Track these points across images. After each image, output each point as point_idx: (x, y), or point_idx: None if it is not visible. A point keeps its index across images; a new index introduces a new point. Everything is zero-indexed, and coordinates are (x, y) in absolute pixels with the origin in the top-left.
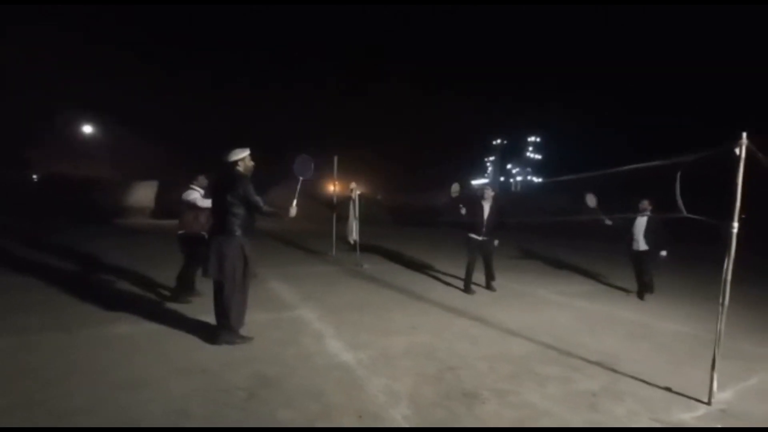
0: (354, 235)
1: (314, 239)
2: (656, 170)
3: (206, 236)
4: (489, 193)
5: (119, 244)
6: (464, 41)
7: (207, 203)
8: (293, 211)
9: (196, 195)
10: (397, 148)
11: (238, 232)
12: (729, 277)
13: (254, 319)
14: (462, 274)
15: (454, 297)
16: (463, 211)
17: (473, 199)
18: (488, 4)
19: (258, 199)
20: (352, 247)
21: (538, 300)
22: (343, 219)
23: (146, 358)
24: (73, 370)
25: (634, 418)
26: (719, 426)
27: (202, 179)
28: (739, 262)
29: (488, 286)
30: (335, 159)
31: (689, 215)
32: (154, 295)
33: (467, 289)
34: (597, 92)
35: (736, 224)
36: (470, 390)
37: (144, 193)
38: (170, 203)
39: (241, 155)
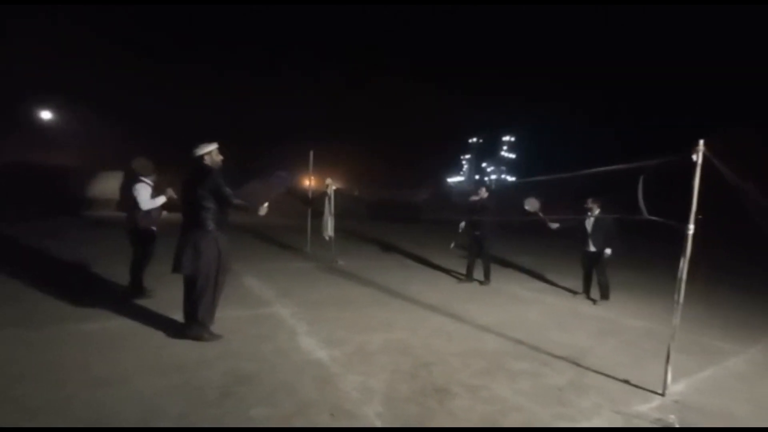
0: (329, 231)
1: (289, 235)
2: (623, 173)
3: (155, 230)
4: (483, 193)
5: (85, 237)
6: (441, 41)
7: (153, 204)
8: (263, 210)
9: (145, 195)
10: (376, 144)
11: (212, 227)
12: (684, 276)
13: (229, 316)
14: (441, 268)
15: (431, 293)
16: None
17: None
18: (465, 4)
19: (228, 191)
20: (328, 243)
21: (511, 297)
22: (319, 214)
23: (117, 355)
24: (41, 368)
25: (597, 410)
26: (671, 416)
27: (149, 168)
28: (704, 261)
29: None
30: (311, 154)
31: (650, 217)
32: (122, 291)
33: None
34: (570, 94)
35: (692, 226)
36: (443, 386)
37: (109, 184)
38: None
39: (208, 149)
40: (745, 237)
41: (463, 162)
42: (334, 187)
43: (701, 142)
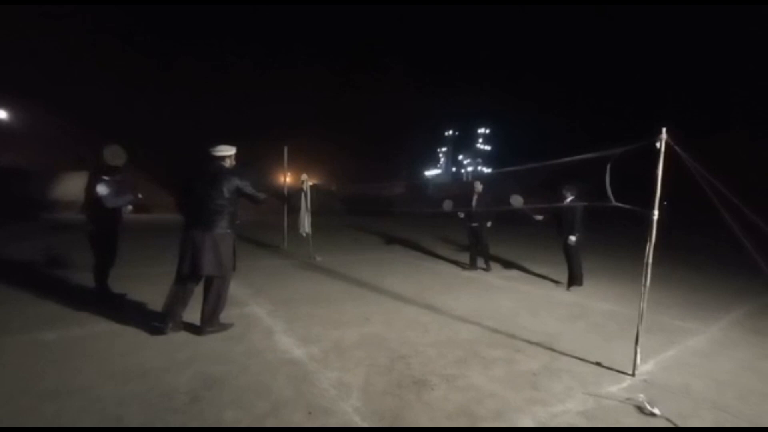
0: (306, 228)
1: (265, 232)
2: (590, 161)
3: (118, 231)
4: (478, 187)
5: (45, 242)
6: (417, 35)
7: (116, 203)
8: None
9: (107, 193)
10: (352, 139)
11: (229, 228)
12: (650, 261)
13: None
14: (415, 261)
15: (407, 286)
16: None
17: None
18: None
19: (253, 192)
20: (305, 240)
21: (485, 285)
22: (295, 211)
23: (77, 364)
24: None
25: (569, 393)
26: (641, 396)
27: (121, 157)
28: (669, 244)
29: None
30: (285, 149)
31: (617, 204)
32: (85, 297)
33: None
34: (543, 86)
35: (656, 212)
36: (420, 377)
37: (72, 185)
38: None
39: (230, 152)
40: (705, 222)
41: (440, 155)
42: (309, 183)
43: (664, 130)
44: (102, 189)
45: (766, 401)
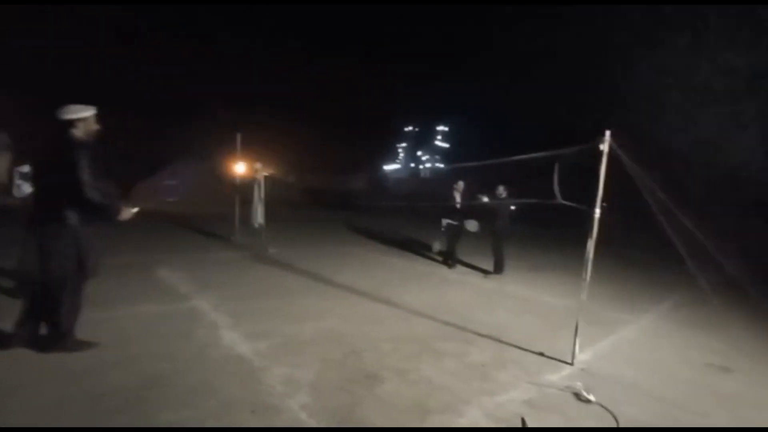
0: (259, 219)
1: (216, 223)
2: (541, 160)
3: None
4: (460, 186)
5: None
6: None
7: None
8: (128, 213)
9: None
10: (311, 130)
11: (73, 220)
12: (591, 256)
13: (138, 313)
14: (372, 255)
15: (364, 280)
16: None
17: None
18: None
19: (88, 177)
20: (258, 232)
21: (441, 280)
22: (248, 202)
23: (6, 362)
24: None
25: (514, 383)
26: (578, 383)
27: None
28: (610, 241)
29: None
30: (238, 137)
31: (563, 202)
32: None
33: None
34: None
35: (598, 210)
36: (372, 371)
37: None
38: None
39: (81, 114)
40: (641, 220)
41: (399, 150)
42: (264, 173)
43: (608, 133)
44: None
45: (687, 385)
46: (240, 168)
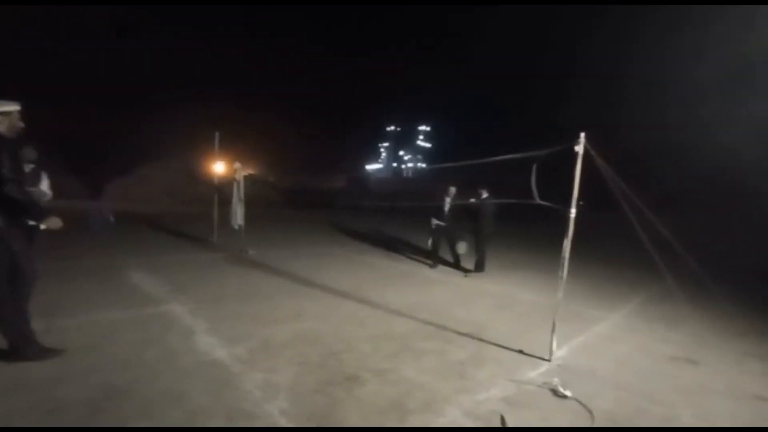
0: (238, 220)
1: (193, 224)
2: (519, 160)
3: None
4: (452, 192)
5: None
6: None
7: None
8: (51, 223)
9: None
10: (292, 129)
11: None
12: (567, 255)
13: (105, 319)
14: (353, 256)
15: (344, 280)
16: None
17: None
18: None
19: (9, 171)
20: (237, 233)
21: (421, 279)
22: (227, 202)
23: None
24: None
25: (493, 381)
26: (555, 379)
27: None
28: (585, 240)
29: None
30: (216, 135)
31: (540, 201)
32: None
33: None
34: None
35: (573, 210)
36: (352, 373)
37: None
38: None
39: (6, 108)
40: (614, 219)
41: (381, 150)
42: (244, 173)
43: (582, 134)
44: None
45: (658, 378)
46: (219, 167)
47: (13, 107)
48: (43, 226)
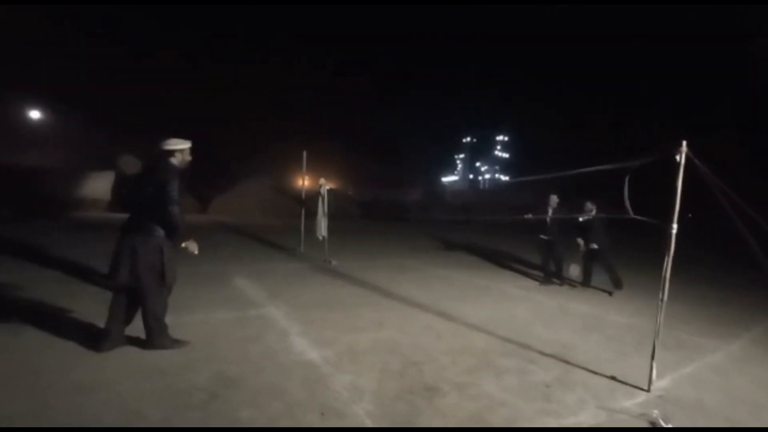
0: (323, 232)
1: (282, 235)
2: (607, 173)
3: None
4: (553, 201)
5: (72, 239)
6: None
7: None
8: (192, 246)
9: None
10: (368, 143)
11: (160, 234)
12: (668, 275)
13: (217, 318)
14: (428, 268)
15: (421, 293)
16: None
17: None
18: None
19: (176, 201)
20: (321, 244)
21: (499, 294)
22: (312, 215)
23: (99, 360)
24: (19, 373)
25: (582, 406)
26: (655, 412)
27: (136, 167)
28: (687, 258)
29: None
30: (304, 154)
31: (635, 216)
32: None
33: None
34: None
35: (675, 225)
36: (432, 384)
37: (98, 184)
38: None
39: (180, 146)
40: (725, 235)
41: (458, 161)
42: (327, 187)
43: (684, 143)
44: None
45: None
46: (305, 183)
47: (186, 145)
48: (183, 245)
